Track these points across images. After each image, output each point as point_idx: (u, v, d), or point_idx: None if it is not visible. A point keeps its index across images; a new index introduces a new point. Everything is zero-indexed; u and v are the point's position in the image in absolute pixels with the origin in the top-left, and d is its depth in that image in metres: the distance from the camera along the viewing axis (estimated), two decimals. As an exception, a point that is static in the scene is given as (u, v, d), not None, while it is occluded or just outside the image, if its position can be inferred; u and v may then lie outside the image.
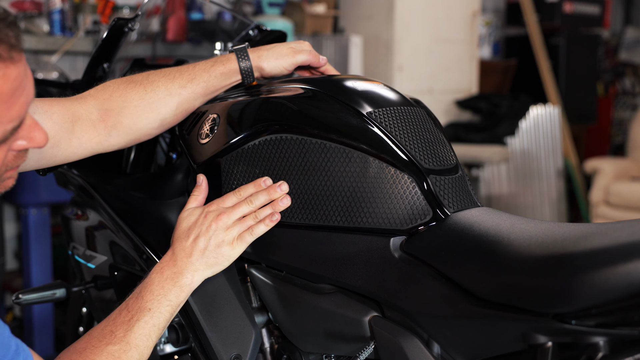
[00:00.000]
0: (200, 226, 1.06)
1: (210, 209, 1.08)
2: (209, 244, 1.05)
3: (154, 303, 1.02)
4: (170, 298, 1.04)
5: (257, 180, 1.10)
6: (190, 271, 1.05)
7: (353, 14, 4.34)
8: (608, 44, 6.66)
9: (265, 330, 1.22)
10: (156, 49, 2.37)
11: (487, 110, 4.60)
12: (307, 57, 1.20)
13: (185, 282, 1.05)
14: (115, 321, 1.02)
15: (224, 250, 1.06)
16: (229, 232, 1.06)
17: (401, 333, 0.96)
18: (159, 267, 1.06)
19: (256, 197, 1.08)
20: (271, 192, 1.08)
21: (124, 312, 1.03)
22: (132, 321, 1.01)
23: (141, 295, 1.04)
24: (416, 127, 1.07)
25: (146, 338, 1.01)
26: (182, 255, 1.05)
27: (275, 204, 1.08)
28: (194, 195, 1.13)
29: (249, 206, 1.08)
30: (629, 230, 0.81)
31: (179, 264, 1.05)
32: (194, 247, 1.05)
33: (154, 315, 1.02)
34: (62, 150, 1.13)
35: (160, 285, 1.04)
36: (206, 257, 1.05)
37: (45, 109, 1.09)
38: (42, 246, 2.76)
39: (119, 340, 0.99)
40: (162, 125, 1.20)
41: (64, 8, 3.13)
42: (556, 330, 0.80)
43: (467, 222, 0.97)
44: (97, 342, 0.99)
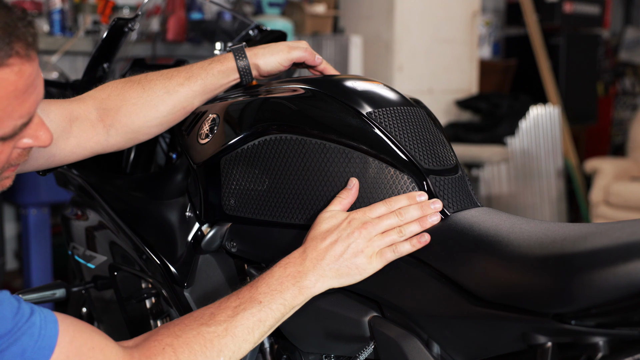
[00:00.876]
0: (341, 231, 0.98)
1: (356, 216, 0.99)
2: (346, 252, 0.96)
3: (266, 297, 0.95)
4: (285, 297, 0.95)
5: (412, 194, 1.00)
6: (316, 275, 0.96)
7: (353, 14, 4.34)
8: (608, 44, 6.66)
9: (265, 330, 1.22)
10: (156, 49, 2.37)
11: (487, 110, 4.60)
12: (302, 54, 1.21)
13: (307, 285, 0.96)
14: (221, 305, 0.95)
15: (360, 262, 0.97)
16: (371, 243, 0.97)
17: (401, 333, 0.96)
18: (284, 261, 0.98)
19: (407, 211, 0.99)
20: (424, 208, 0.99)
21: (232, 297, 0.96)
22: (238, 309, 0.94)
23: (256, 285, 0.96)
24: (416, 127, 1.07)
25: (247, 331, 0.93)
26: (313, 255, 0.97)
27: (424, 221, 0.98)
28: (340, 198, 1.02)
29: (397, 218, 0.98)
30: (629, 230, 0.81)
31: (306, 263, 0.97)
32: (328, 251, 0.97)
33: (263, 310, 0.94)
34: (60, 150, 1.13)
35: (280, 280, 0.96)
36: (339, 264, 0.97)
37: (42, 107, 1.09)
38: (42, 246, 2.77)
39: (217, 323, 0.92)
40: (160, 124, 1.20)
41: (64, 8, 3.13)
42: (556, 330, 0.80)
43: (467, 222, 0.97)
44: (191, 321, 0.93)
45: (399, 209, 0.99)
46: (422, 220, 0.98)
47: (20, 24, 0.79)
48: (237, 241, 1.15)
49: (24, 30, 0.80)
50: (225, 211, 1.16)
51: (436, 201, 1.00)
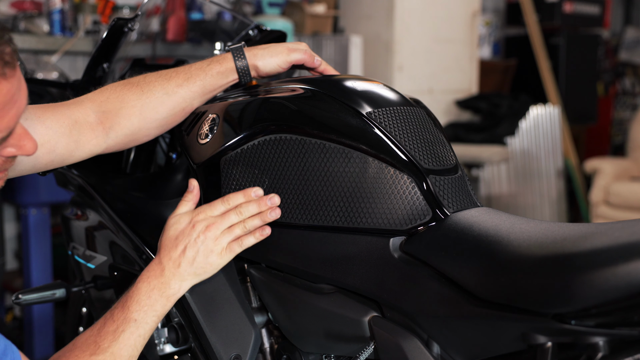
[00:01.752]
0: (188, 236, 1.06)
1: (198, 218, 1.07)
2: (197, 255, 1.05)
3: (140, 314, 1.03)
4: (156, 308, 1.04)
5: (247, 190, 1.09)
6: (178, 281, 1.05)
7: (353, 14, 4.34)
8: (608, 44, 6.66)
9: (265, 330, 1.22)
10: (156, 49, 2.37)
11: (487, 110, 4.60)
12: (301, 56, 1.20)
13: (172, 293, 1.05)
14: (100, 331, 1.02)
15: (213, 260, 1.06)
16: (218, 242, 1.06)
17: (401, 333, 0.96)
18: (145, 276, 1.06)
19: (245, 208, 1.07)
20: (261, 204, 1.07)
21: (109, 322, 1.02)
22: (117, 332, 1.01)
23: (127, 305, 1.03)
24: (416, 127, 1.07)
25: (131, 348, 1.01)
26: (170, 265, 1.05)
27: (264, 215, 1.07)
28: (185, 201, 1.12)
29: (238, 216, 1.07)
30: (629, 230, 0.81)
31: (166, 273, 1.05)
32: (181, 257, 1.05)
33: (140, 326, 1.02)
34: (58, 155, 1.13)
35: (147, 295, 1.04)
36: (195, 267, 1.06)
37: (38, 114, 1.10)
38: (42, 246, 2.76)
39: (103, 350, 0.99)
40: (160, 126, 1.20)
41: (64, 8, 3.13)
42: (556, 330, 0.80)
43: (466, 222, 0.97)
44: (80, 352, 0.99)
45: (237, 206, 1.07)
46: (262, 215, 1.07)
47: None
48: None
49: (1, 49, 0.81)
50: (225, 211, 1.15)
51: (273, 196, 1.07)
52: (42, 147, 1.10)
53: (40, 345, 2.70)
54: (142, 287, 1.04)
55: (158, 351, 1.24)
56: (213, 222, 1.06)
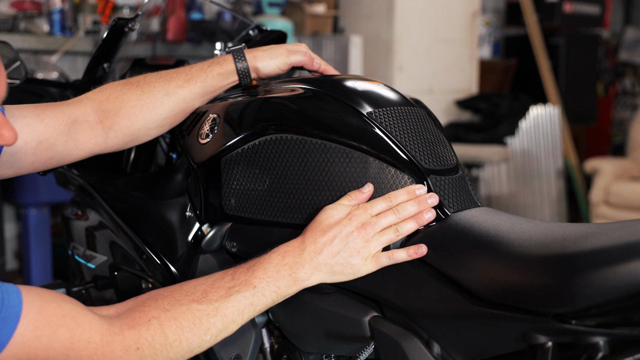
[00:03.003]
0: (342, 227, 0.98)
1: (357, 213, 0.99)
2: (343, 250, 0.98)
3: (262, 282, 0.95)
4: (280, 285, 0.96)
5: (410, 187, 1.01)
6: (312, 267, 0.97)
7: (353, 14, 4.34)
8: (608, 44, 6.66)
9: (265, 330, 1.22)
10: (156, 49, 2.37)
11: (487, 110, 4.60)
12: (301, 58, 1.20)
13: (301, 277, 0.97)
14: (215, 283, 0.95)
15: (355, 262, 0.98)
16: (368, 244, 0.98)
17: (401, 333, 0.96)
18: (283, 249, 0.99)
19: (404, 208, 0.99)
20: (421, 203, 0.99)
21: (227, 277, 0.96)
22: (232, 290, 0.94)
23: (253, 269, 0.96)
24: (416, 127, 1.07)
25: (237, 313, 0.94)
26: (312, 248, 0.98)
27: (420, 217, 0.99)
28: (350, 197, 1.02)
29: (395, 216, 0.99)
30: (629, 230, 0.81)
31: (304, 255, 0.97)
32: (326, 246, 0.97)
33: (256, 295, 0.95)
34: (57, 153, 1.13)
35: (277, 268, 0.96)
36: (334, 261, 0.98)
37: (37, 112, 1.10)
38: (42, 246, 2.77)
39: (209, 301, 0.92)
40: (160, 126, 1.21)
41: (64, 8, 3.13)
42: (556, 330, 0.80)
43: (467, 222, 0.97)
44: (183, 296, 0.92)
45: (397, 205, 1.00)
46: (418, 216, 0.99)
47: None
48: (237, 241, 1.15)
49: None
50: (225, 211, 1.16)
51: (432, 195, 1.00)
52: (40, 144, 1.10)
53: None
54: (275, 258, 0.98)
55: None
56: (370, 220, 0.99)
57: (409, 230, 0.99)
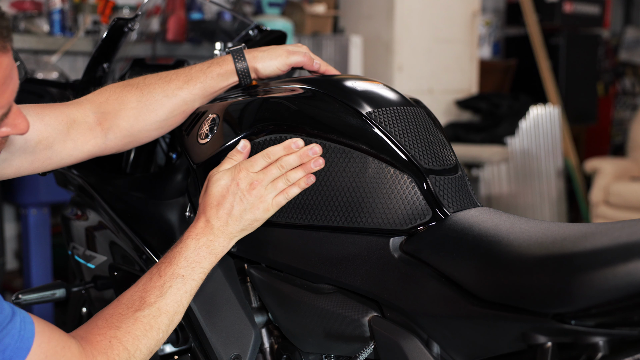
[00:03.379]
0: (233, 195, 1.05)
1: (241, 176, 1.05)
2: (244, 212, 1.05)
3: (187, 270, 1.02)
4: (204, 265, 1.03)
5: (287, 142, 1.07)
6: (226, 238, 1.05)
7: (353, 14, 4.34)
8: (608, 44, 6.66)
9: (265, 330, 1.22)
10: (156, 49, 2.37)
11: (487, 110, 4.60)
12: (300, 59, 1.20)
13: (220, 250, 1.05)
14: (146, 286, 1.01)
15: (259, 215, 1.06)
16: (263, 199, 1.05)
17: (401, 333, 0.96)
18: (193, 233, 1.05)
19: (286, 161, 1.06)
20: (302, 155, 1.05)
21: (155, 277, 1.01)
22: (164, 287, 1.00)
23: (174, 260, 1.02)
24: (416, 127, 1.07)
25: (177, 304, 1.01)
26: (218, 223, 1.04)
27: (307, 166, 1.05)
28: (230, 158, 1.09)
29: (280, 170, 1.06)
30: (629, 230, 0.81)
31: (215, 232, 1.04)
32: (229, 215, 1.04)
33: (187, 282, 1.02)
34: (56, 153, 1.13)
35: (195, 252, 1.03)
36: (242, 223, 1.05)
37: (37, 111, 1.10)
38: (42, 246, 2.76)
39: (149, 305, 0.98)
40: (160, 128, 1.21)
41: (64, 8, 3.13)
42: (556, 330, 0.80)
43: (466, 222, 0.97)
44: (125, 309, 0.98)
45: (278, 159, 1.06)
46: (306, 166, 1.06)
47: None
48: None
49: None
50: (225, 211, 1.15)
51: (314, 146, 1.05)
52: (39, 142, 1.10)
53: (40, 346, 2.69)
54: (190, 243, 1.04)
55: (158, 351, 1.24)
56: (255, 178, 1.05)
57: (298, 177, 1.06)
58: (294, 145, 1.06)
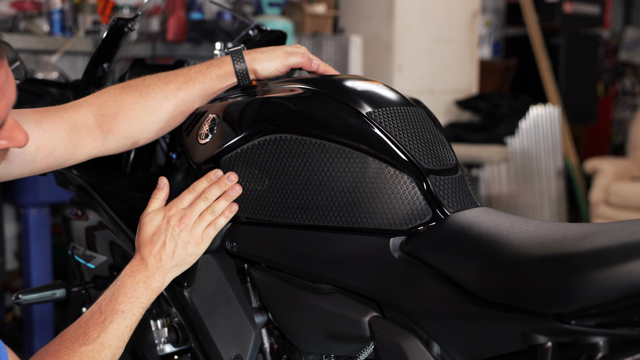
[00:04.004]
0: (165, 232, 1.10)
1: (171, 213, 1.11)
2: (176, 248, 1.10)
3: (127, 305, 1.06)
4: (142, 300, 1.08)
5: (208, 174, 1.13)
6: (161, 274, 1.09)
7: (353, 14, 4.34)
8: (608, 44, 6.66)
9: (265, 330, 1.22)
10: (156, 49, 2.37)
11: (487, 110, 4.60)
12: (299, 60, 1.21)
13: (157, 285, 1.09)
14: (88, 323, 1.04)
15: (191, 250, 1.10)
16: (192, 232, 1.10)
17: (401, 333, 0.96)
18: (129, 270, 1.09)
19: (209, 192, 1.12)
20: (221, 184, 1.12)
21: (96, 314, 1.05)
22: (105, 322, 1.04)
23: (114, 297, 1.07)
24: (416, 127, 1.07)
25: (119, 339, 1.04)
26: (152, 260, 1.09)
27: (227, 195, 1.11)
28: (155, 198, 1.15)
29: (205, 202, 1.11)
30: (629, 230, 0.81)
31: (149, 268, 1.09)
32: (162, 252, 1.09)
33: (127, 317, 1.05)
34: (57, 159, 1.13)
35: (133, 288, 1.07)
36: (175, 259, 1.10)
37: (35, 119, 1.10)
38: (42, 246, 2.76)
39: (93, 340, 1.02)
40: (160, 129, 1.21)
41: (64, 8, 3.13)
42: (556, 330, 0.80)
43: (467, 222, 0.97)
44: (70, 344, 1.01)
45: (203, 192, 1.12)
46: (226, 195, 1.12)
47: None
48: (236, 241, 1.15)
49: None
50: (225, 211, 1.15)
51: (230, 174, 1.12)
52: (39, 150, 1.10)
53: (40, 345, 2.70)
54: (127, 281, 1.08)
55: (158, 351, 1.24)
56: (184, 213, 1.11)
57: (223, 207, 1.12)
58: (214, 176, 1.13)
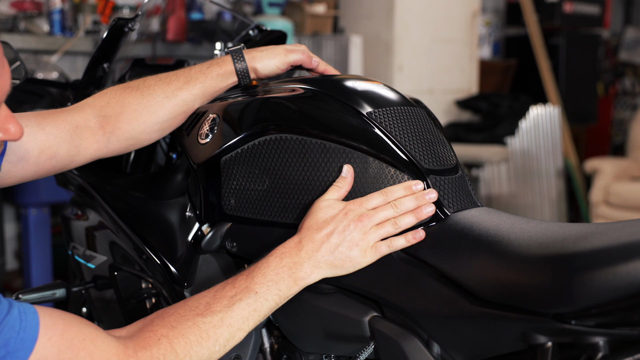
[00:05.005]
0: (338, 222, 0.98)
1: (352, 207, 0.99)
2: (341, 244, 0.97)
3: (262, 287, 0.95)
4: (280, 287, 0.96)
5: (408, 183, 1.01)
6: (311, 266, 0.97)
7: (353, 14, 4.34)
8: (608, 44, 6.66)
9: (265, 330, 1.22)
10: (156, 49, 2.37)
11: (487, 110, 4.60)
12: (299, 57, 1.21)
13: (302, 276, 0.97)
14: (216, 294, 0.95)
15: (355, 255, 0.98)
16: (366, 236, 0.98)
17: (401, 333, 0.96)
18: (280, 251, 0.98)
19: (402, 202, 0.99)
20: (420, 198, 0.99)
21: (228, 286, 0.96)
22: (234, 299, 0.94)
23: (252, 275, 0.96)
24: (416, 127, 1.07)
25: (243, 320, 0.94)
26: (309, 246, 0.97)
27: (419, 212, 0.99)
28: (337, 187, 1.02)
29: (393, 210, 0.99)
30: (629, 230, 0.81)
31: (302, 254, 0.97)
32: (324, 242, 0.97)
33: (259, 300, 0.95)
34: (60, 161, 1.13)
35: (276, 271, 0.96)
36: (334, 256, 0.97)
37: (38, 121, 1.10)
38: (42, 246, 2.77)
39: (213, 313, 0.93)
40: (161, 129, 1.21)
41: (64, 8, 3.13)
42: (556, 330, 0.80)
43: (467, 222, 0.97)
44: (187, 311, 0.93)
45: (394, 200, 1.00)
46: (417, 211, 0.99)
47: None
48: (237, 241, 1.15)
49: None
50: (225, 211, 1.16)
51: (431, 191, 1.00)
52: (42, 153, 1.10)
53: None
54: (273, 261, 0.97)
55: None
56: (366, 213, 0.99)
57: (408, 224, 0.98)
58: (415, 187, 1.00)
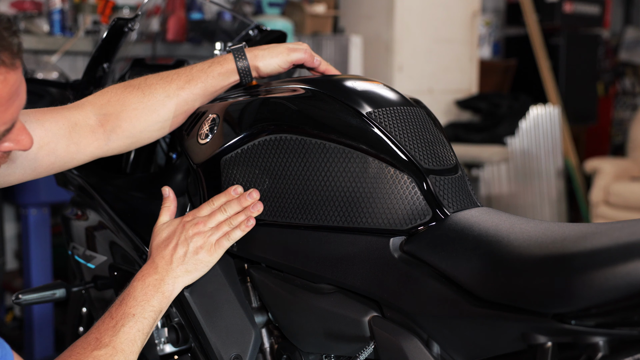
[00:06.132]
0: (179, 235, 1.10)
1: (187, 219, 1.11)
2: (187, 251, 1.08)
3: (137, 309, 1.04)
4: (153, 304, 1.06)
5: (228, 190, 1.13)
6: (171, 278, 1.08)
7: (353, 14, 4.34)
8: (608, 44, 6.66)
9: (265, 330, 1.22)
10: (156, 49, 2.36)
11: (487, 110, 4.60)
12: (301, 56, 1.21)
13: (167, 289, 1.07)
14: (99, 328, 1.03)
15: (203, 257, 1.09)
16: (208, 239, 1.09)
17: (401, 333, 0.96)
18: (140, 275, 1.08)
19: (229, 206, 1.11)
20: (242, 200, 1.11)
21: (107, 319, 1.04)
22: (117, 327, 1.03)
23: (124, 302, 1.05)
24: (416, 127, 1.07)
25: (131, 343, 1.03)
26: (162, 263, 1.08)
27: (247, 210, 1.10)
28: (166, 208, 1.16)
29: (223, 214, 1.11)
30: (629, 230, 0.81)
31: (160, 271, 1.08)
32: (173, 255, 1.08)
33: (138, 320, 1.04)
34: (59, 158, 1.13)
35: (143, 292, 1.06)
36: (186, 263, 1.08)
37: (37, 117, 1.10)
38: (42, 246, 2.76)
39: (105, 345, 1.01)
40: (162, 128, 1.21)
41: (64, 8, 3.13)
42: (556, 330, 0.80)
43: (467, 222, 0.97)
44: (82, 350, 1.00)
45: (222, 205, 1.11)
46: (246, 210, 1.11)
47: (6, 33, 0.82)
48: (237, 241, 1.15)
49: (10, 40, 0.82)
50: (225, 211, 1.16)
51: (252, 191, 1.11)
52: (41, 149, 1.10)
53: (40, 345, 2.70)
54: (138, 285, 1.07)
55: (158, 351, 1.24)
56: (201, 220, 1.10)
57: (240, 220, 1.10)
58: (234, 192, 1.12)
